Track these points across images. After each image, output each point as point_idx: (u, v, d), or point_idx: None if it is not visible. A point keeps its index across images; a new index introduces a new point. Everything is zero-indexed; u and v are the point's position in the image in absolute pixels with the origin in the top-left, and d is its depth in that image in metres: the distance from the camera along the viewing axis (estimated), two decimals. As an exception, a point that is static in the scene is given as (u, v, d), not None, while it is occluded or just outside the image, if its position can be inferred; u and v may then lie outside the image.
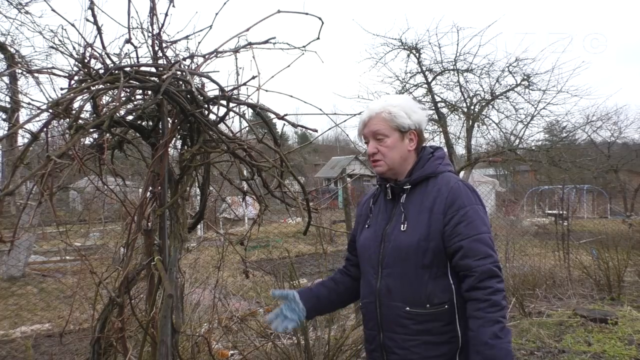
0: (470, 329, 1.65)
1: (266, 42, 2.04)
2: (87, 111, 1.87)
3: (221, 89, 1.99)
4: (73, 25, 1.90)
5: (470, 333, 1.65)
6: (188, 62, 2.05)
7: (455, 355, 1.71)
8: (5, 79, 10.06)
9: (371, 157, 1.85)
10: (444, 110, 11.23)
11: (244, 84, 2.06)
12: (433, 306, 1.69)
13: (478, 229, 1.69)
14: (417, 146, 1.86)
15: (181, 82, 1.96)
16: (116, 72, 1.78)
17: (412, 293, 1.71)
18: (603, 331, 5.17)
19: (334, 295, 2.04)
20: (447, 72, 10.84)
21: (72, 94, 1.69)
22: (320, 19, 2.03)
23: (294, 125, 2.14)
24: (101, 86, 1.76)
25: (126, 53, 1.98)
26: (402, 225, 1.76)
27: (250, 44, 2.04)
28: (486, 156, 11.01)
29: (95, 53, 1.87)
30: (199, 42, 2.10)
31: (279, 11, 2.06)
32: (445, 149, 11.16)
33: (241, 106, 2.07)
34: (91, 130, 1.76)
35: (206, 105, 1.99)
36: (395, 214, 1.82)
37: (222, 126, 2.09)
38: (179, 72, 1.88)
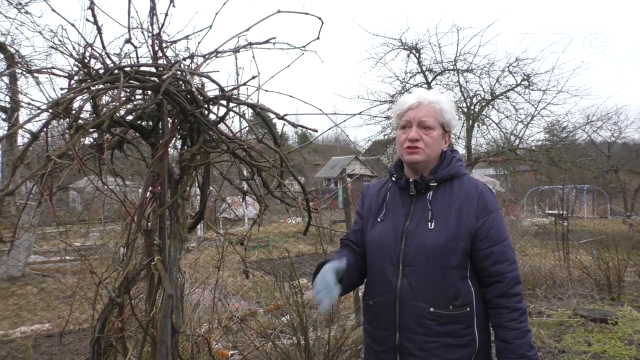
0: (505, 340, 1.67)
1: (266, 42, 2.04)
2: (87, 111, 1.87)
3: (221, 89, 1.99)
4: (73, 25, 1.90)
5: (503, 344, 1.68)
6: (188, 62, 2.05)
7: (472, 359, 1.69)
8: (5, 79, 10.05)
9: (410, 143, 1.75)
10: (444, 110, 11.20)
11: (244, 84, 2.06)
12: (456, 308, 1.66)
13: (505, 234, 1.74)
14: (446, 149, 1.85)
15: (181, 82, 1.96)
16: (116, 72, 1.78)
17: (437, 293, 1.66)
18: (603, 331, 5.17)
19: (353, 280, 1.86)
20: (447, 72, 10.83)
21: (72, 94, 1.69)
22: (320, 19, 2.03)
23: (294, 125, 2.14)
24: (101, 86, 1.76)
25: (126, 53, 1.99)
26: (429, 224, 1.70)
27: (250, 44, 2.04)
28: (486, 156, 10.99)
29: (95, 53, 1.87)
30: (199, 42, 2.10)
31: (279, 11, 2.06)
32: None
33: (241, 106, 2.07)
34: (91, 130, 1.75)
35: (206, 105, 1.99)
36: (417, 211, 1.75)
37: (222, 126, 2.09)
38: (179, 72, 1.88)
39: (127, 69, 1.85)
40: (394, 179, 1.86)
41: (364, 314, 1.88)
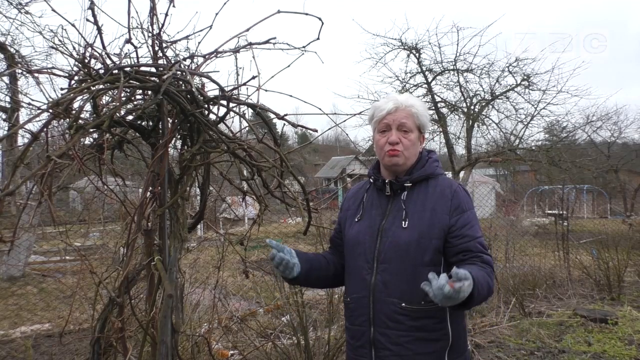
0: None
1: (266, 42, 2.04)
2: (87, 111, 1.87)
3: (221, 89, 1.99)
4: (73, 25, 1.90)
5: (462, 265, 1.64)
6: (188, 62, 2.05)
7: (445, 353, 1.74)
8: (5, 79, 10.05)
9: (391, 146, 1.81)
10: (444, 110, 11.22)
11: (244, 84, 2.06)
12: (427, 303, 1.70)
13: (478, 232, 1.80)
14: (422, 150, 1.92)
15: (181, 82, 1.96)
16: (116, 72, 1.78)
17: (409, 289, 1.72)
18: (603, 331, 5.17)
19: (325, 272, 1.97)
20: (447, 72, 10.83)
21: (72, 94, 1.69)
22: (320, 19, 2.03)
23: (294, 125, 2.15)
24: (101, 86, 1.76)
25: (126, 53, 1.99)
26: (403, 222, 1.77)
27: (250, 44, 2.04)
28: (486, 156, 11.00)
29: (95, 53, 1.87)
30: (199, 42, 2.10)
31: (279, 11, 2.06)
32: (445, 149, 11.18)
33: (241, 106, 2.07)
34: (91, 130, 1.76)
35: (206, 105, 1.99)
36: (393, 210, 1.82)
37: (222, 126, 2.09)
38: (179, 72, 1.88)
39: (127, 69, 1.85)
40: (371, 180, 1.93)
41: (344, 311, 1.95)
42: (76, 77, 1.86)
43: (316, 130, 2.10)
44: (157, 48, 2.05)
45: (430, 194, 1.80)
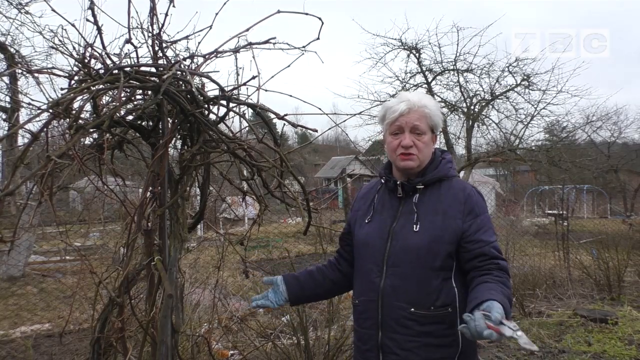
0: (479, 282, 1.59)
1: (266, 42, 2.04)
2: (87, 111, 1.87)
3: (221, 89, 1.99)
4: (73, 25, 1.90)
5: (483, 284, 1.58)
6: (188, 62, 2.05)
7: (455, 359, 1.70)
8: (5, 79, 10.07)
9: (405, 150, 1.76)
10: (444, 110, 11.23)
11: (244, 84, 2.06)
12: (437, 308, 1.68)
13: (493, 236, 1.74)
14: (434, 150, 1.88)
15: (181, 82, 1.96)
16: (116, 72, 1.78)
17: (419, 294, 1.68)
18: (603, 331, 5.17)
19: (320, 289, 2.03)
20: (447, 72, 10.85)
21: (72, 94, 1.69)
22: (320, 19, 2.03)
23: (294, 125, 2.15)
24: (101, 86, 1.76)
25: (126, 53, 1.98)
26: (414, 226, 1.72)
27: (250, 44, 2.04)
28: (486, 156, 11.01)
29: (95, 53, 1.87)
30: (199, 42, 2.10)
31: (279, 11, 2.06)
32: (445, 149, 11.19)
33: (241, 106, 2.07)
34: (91, 130, 1.76)
35: (206, 105, 1.99)
36: (404, 213, 1.78)
37: (222, 126, 2.09)
38: (179, 72, 1.88)
39: (127, 69, 1.85)
40: (383, 181, 1.89)
41: (353, 313, 1.92)
42: (76, 77, 1.86)
43: (316, 130, 2.10)
44: (157, 48, 2.05)
45: (443, 197, 1.75)
